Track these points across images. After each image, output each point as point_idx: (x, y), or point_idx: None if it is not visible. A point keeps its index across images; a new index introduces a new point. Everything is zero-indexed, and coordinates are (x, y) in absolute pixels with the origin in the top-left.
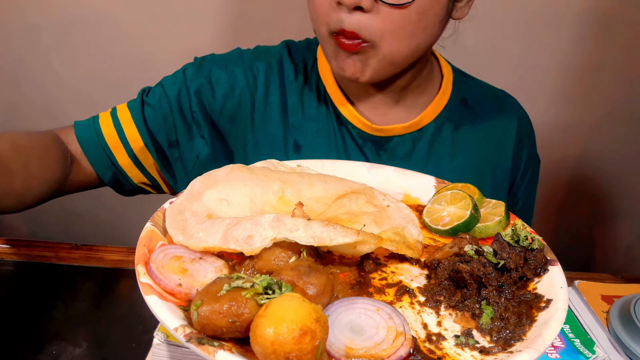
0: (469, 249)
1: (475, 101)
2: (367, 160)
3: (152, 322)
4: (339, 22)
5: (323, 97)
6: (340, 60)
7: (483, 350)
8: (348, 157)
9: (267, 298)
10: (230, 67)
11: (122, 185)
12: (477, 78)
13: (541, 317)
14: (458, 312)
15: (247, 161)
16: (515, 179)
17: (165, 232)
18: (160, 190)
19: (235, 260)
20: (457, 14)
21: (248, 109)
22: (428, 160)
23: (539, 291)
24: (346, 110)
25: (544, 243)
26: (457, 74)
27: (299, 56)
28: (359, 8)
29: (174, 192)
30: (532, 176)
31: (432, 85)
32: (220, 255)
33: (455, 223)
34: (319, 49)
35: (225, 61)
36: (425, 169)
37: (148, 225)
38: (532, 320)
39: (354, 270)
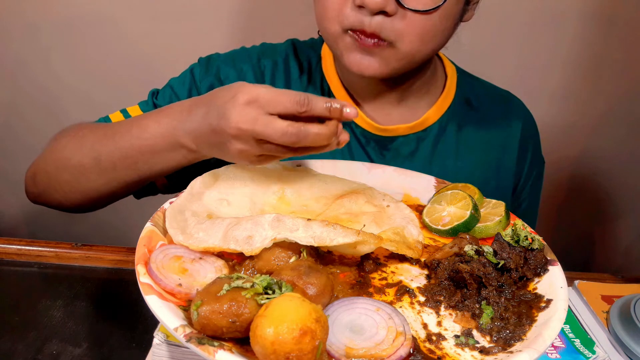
0: (469, 249)
1: (480, 102)
2: (370, 159)
3: (152, 322)
4: (358, 22)
5: (327, 95)
6: (356, 57)
7: (483, 350)
8: (351, 157)
9: (267, 298)
10: (239, 64)
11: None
12: (481, 78)
13: (541, 317)
14: (458, 312)
15: None
16: (520, 181)
17: (165, 232)
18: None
19: (235, 260)
20: (466, 16)
21: None
22: (432, 161)
23: (539, 291)
24: None
25: (544, 243)
26: (461, 74)
27: (304, 55)
28: (381, 12)
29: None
30: (537, 178)
31: (436, 85)
32: (220, 255)
33: (455, 223)
34: (324, 48)
35: (233, 58)
36: (429, 170)
37: (148, 225)
38: (532, 320)
39: (354, 270)
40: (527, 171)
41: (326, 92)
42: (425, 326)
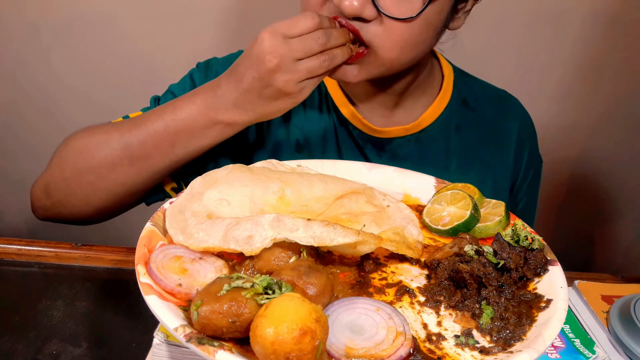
0: (469, 249)
1: (477, 102)
2: (367, 161)
3: (152, 322)
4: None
5: (324, 97)
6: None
7: (483, 350)
8: (349, 159)
9: (267, 298)
10: None
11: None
12: (478, 78)
13: (541, 317)
14: (458, 312)
15: (250, 161)
16: (517, 180)
17: (165, 232)
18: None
19: (235, 260)
20: (454, 25)
21: None
22: (429, 162)
23: (539, 291)
24: (347, 112)
25: (544, 243)
26: (458, 73)
27: None
28: (360, 18)
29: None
30: (534, 177)
31: (433, 86)
32: (220, 255)
33: (455, 223)
34: None
35: (231, 62)
36: (426, 170)
37: (148, 225)
38: (532, 320)
39: (354, 270)
40: (525, 170)
41: (323, 94)
42: (425, 326)
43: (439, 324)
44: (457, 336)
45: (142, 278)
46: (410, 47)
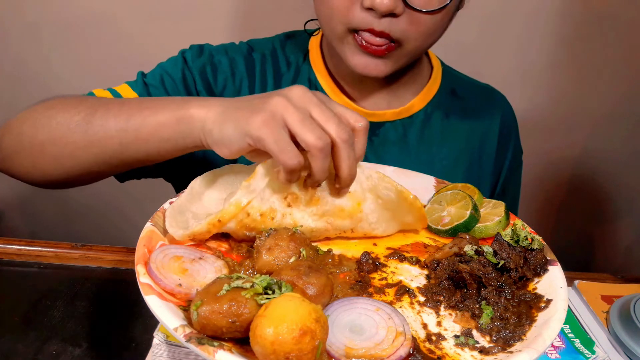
0: (468, 249)
1: (465, 92)
2: None
3: (152, 322)
4: (365, 23)
5: (314, 87)
6: (361, 60)
7: (483, 350)
8: None
9: (267, 298)
10: (231, 54)
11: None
12: (462, 74)
13: (541, 317)
14: (458, 312)
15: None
16: (502, 170)
17: (165, 232)
18: (156, 174)
19: (235, 260)
20: (461, 5)
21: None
22: (419, 146)
23: (539, 291)
24: (338, 99)
25: (544, 243)
26: (446, 67)
27: (290, 49)
28: (390, 14)
29: (172, 178)
30: (518, 166)
31: (422, 76)
32: (221, 255)
33: (455, 223)
34: (312, 41)
35: (225, 49)
36: (417, 155)
37: (148, 225)
38: (531, 320)
39: (354, 270)
40: (510, 161)
41: (313, 84)
42: (425, 326)
43: (439, 324)
44: (457, 336)
45: (142, 278)
46: (432, 35)
